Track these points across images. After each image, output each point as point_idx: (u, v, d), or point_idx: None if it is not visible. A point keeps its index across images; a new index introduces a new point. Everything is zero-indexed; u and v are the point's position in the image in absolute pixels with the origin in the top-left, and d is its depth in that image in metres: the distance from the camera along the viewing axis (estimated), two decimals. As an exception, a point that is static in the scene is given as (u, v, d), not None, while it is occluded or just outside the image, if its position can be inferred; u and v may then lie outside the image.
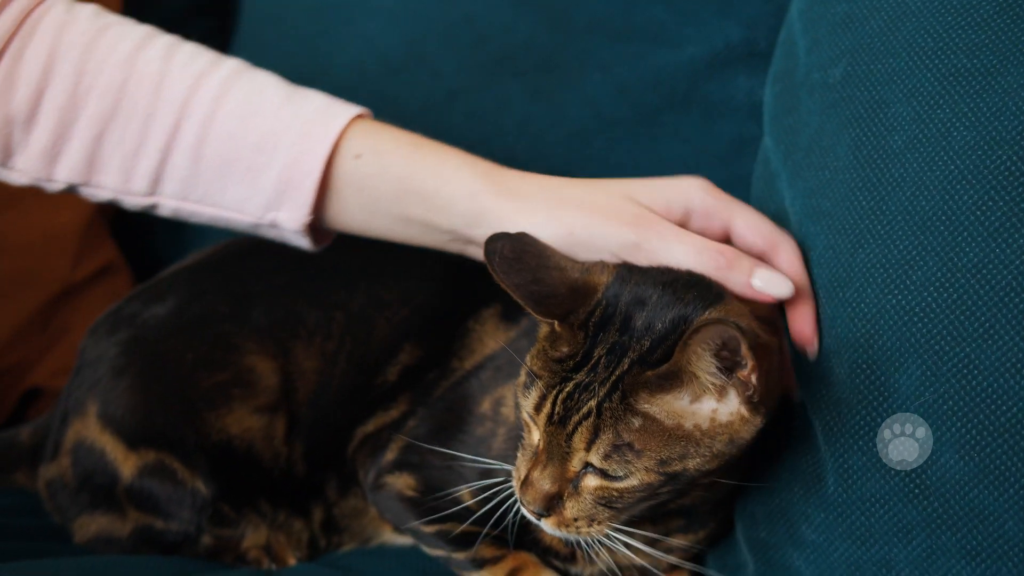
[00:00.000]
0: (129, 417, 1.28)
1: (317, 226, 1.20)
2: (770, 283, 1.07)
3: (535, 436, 1.07)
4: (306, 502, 1.32)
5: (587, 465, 1.04)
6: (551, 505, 1.06)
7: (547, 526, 1.07)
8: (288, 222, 1.17)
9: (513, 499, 1.11)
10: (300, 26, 1.76)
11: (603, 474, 1.03)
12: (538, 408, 1.05)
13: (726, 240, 1.12)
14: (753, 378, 1.00)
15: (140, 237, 1.90)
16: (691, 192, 1.13)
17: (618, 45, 1.48)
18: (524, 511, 1.08)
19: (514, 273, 1.05)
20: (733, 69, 1.42)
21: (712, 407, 1.02)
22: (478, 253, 1.09)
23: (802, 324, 1.10)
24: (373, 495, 1.28)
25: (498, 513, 1.15)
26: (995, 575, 0.95)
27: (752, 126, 1.38)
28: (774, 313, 1.13)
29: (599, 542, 1.09)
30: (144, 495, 1.28)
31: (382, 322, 1.31)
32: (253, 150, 1.15)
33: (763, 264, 1.09)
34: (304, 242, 1.20)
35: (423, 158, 1.16)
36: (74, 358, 1.40)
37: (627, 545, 1.09)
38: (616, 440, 1.02)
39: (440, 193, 1.14)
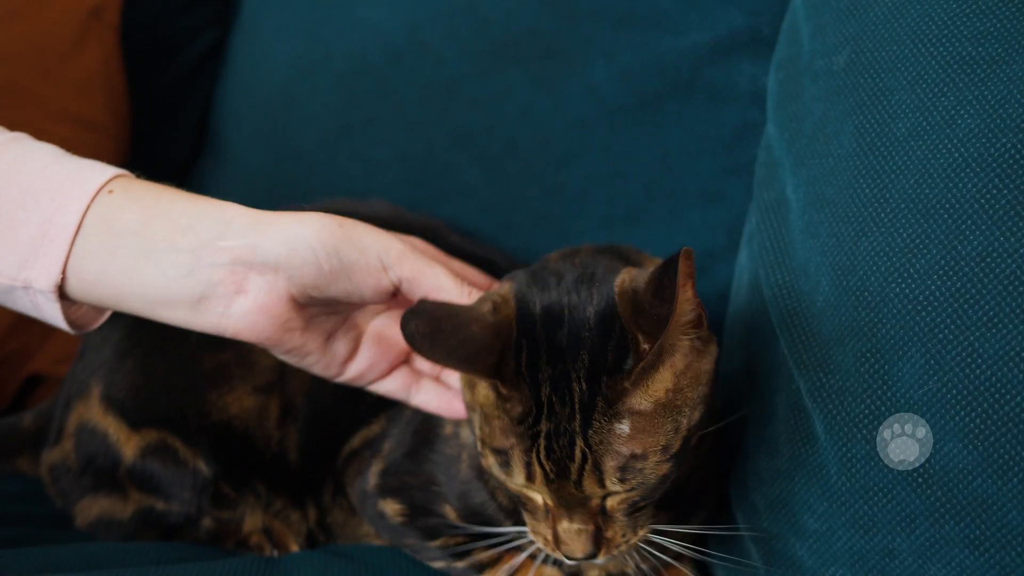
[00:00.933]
0: (132, 398, 1.29)
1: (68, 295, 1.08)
2: None
3: (538, 498, 1.06)
4: (302, 496, 1.32)
5: (606, 495, 1.03)
6: (597, 542, 1.05)
7: (602, 560, 1.07)
8: (40, 279, 1.05)
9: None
10: (301, 13, 1.76)
11: (623, 491, 1.03)
12: (530, 478, 1.03)
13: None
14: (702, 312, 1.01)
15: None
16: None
17: (621, 31, 1.47)
18: (571, 562, 1.07)
19: (438, 345, 1.01)
20: (737, 56, 1.42)
21: (672, 364, 1.01)
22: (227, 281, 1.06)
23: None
24: (365, 516, 1.28)
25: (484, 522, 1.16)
26: (999, 564, 0.95)
27: (755, 113, 1.38)
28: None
29: (647, 543, 1.09)
30: (146, 475, 1.28)
31: None
32: (14, 206, 1.06)
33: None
34: (56, 313, 1.08)
35: (178, 194, 1.10)
36: (75, 345, 1.40)
37: (666, 534, 1.09)
38: (619, 460, 1.00)
39: (188, 212, 1.07)
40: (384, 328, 1.17)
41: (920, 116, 1.05)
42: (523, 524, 1.11)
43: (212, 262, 1.04)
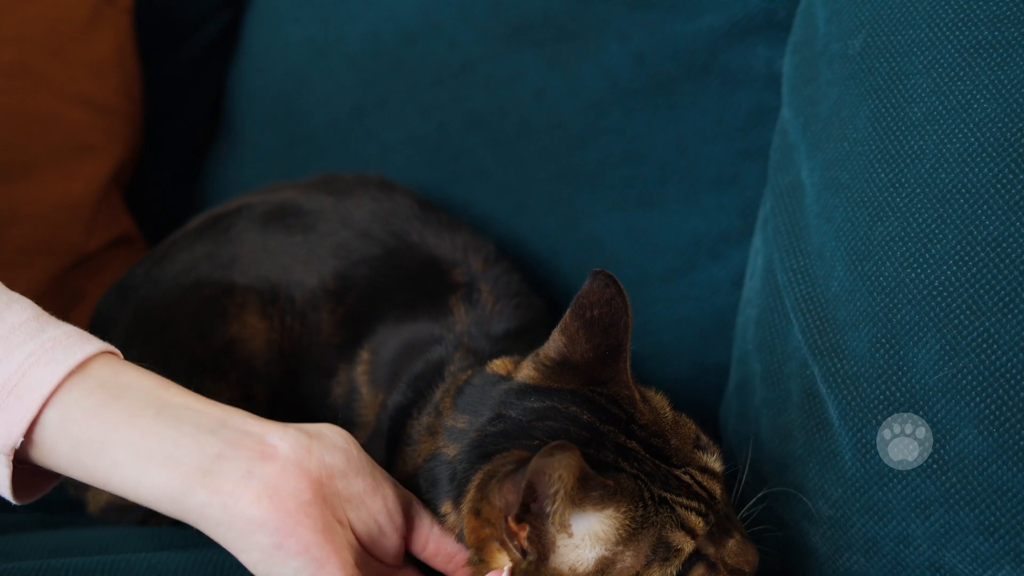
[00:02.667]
0: None
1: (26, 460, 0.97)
2: None
3: (688, 548, 0.99)
4: None
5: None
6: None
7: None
8: None
9: None
10: (315, -6, 1.76)
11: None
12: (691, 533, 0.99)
13: None
14: None
15: (155, 209, 1.90)
16: None
17: (636, 13, 1.46)
18: None
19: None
20: (752, 38, 1.41)
21: None
22: None
23: None
24: None
25: None
26: (1014, 551, 0.95)
27: (771, 97, 1.37)
28: None
29: None
30: None
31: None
32: None
33: None
34: (3, 480, 0.96)
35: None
36: (87, 327, 1.40)
37: None
38: (712, 463, 1.02)
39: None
40: None
41: (936, 100, 1.05)
42: None
43: None
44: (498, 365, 1.08)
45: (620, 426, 1.00)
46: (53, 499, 1.33)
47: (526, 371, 1.06)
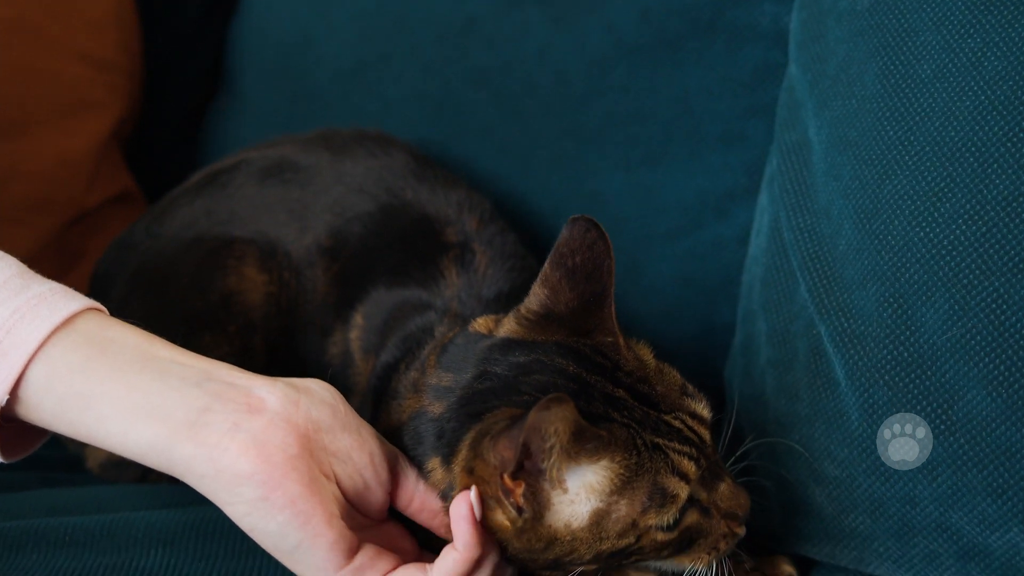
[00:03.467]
0: None
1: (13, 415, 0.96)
2: None
3: (683, 493, 0.99)
4: None
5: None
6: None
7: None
8: None
9: None
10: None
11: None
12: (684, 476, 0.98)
13: None
14: None
15: (156, 166, 1.90)
16: None
17: (641, -32, 1.46)
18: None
19: None
20: (759, -6, 1.40)
21: None
22: None
23: None
24: None
25: None
26: (1021, 513, 0.95)
27: (778, 53, 1.36)
28: None
29: None
30: None
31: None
32: None
33: None
34: None
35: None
36: (87, 284, 1.40)
37: None
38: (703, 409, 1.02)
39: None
40: None
41: (946, 57, 1.04)
42: None
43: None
44: (480, 324, 1.08)
45: (607, 375, 0.99)
46: (52, 456, 1.34)
47: (508, 326, 1.05)
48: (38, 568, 1.02)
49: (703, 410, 1.02)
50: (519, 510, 0.94)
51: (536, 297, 1.05)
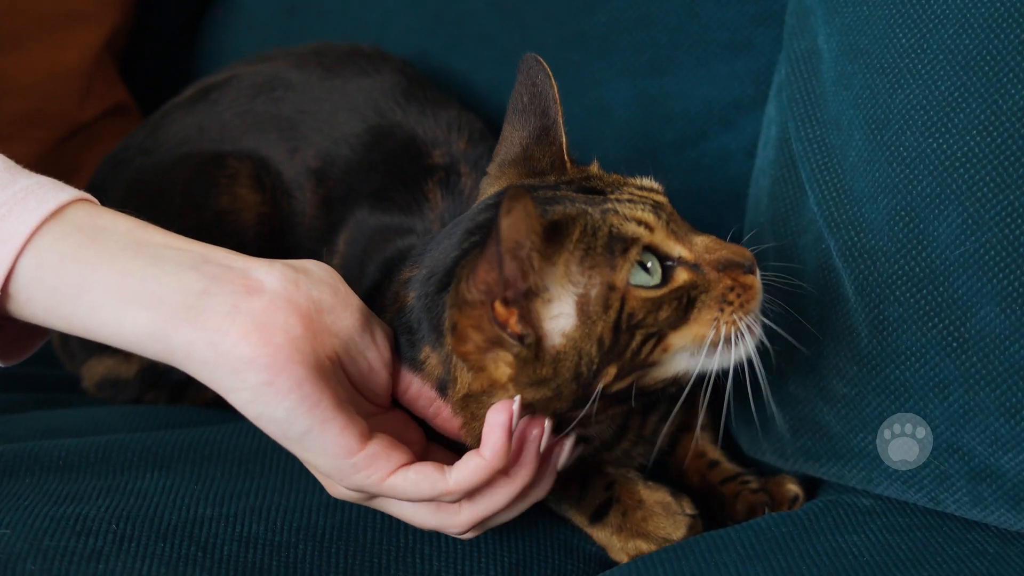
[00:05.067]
0: None
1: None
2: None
3: (644, 235, 0.96)
4: None
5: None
6: None
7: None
8: None
9: None
10: None
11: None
12: (649, 227, 0.96)
13: None
14: None
15: (150, 78, 1.89)
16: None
17: None
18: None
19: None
20: (766, -101, 1.37)
21: None
22: None
23: None
24: None
25: None
26: (1035, 433, 0.94)
27: (786, -43, 1.33)
28: None
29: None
30: None
31: None
32: None
33: None
34: None
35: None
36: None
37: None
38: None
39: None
40: None
41: (961, -40, 1.01)
42: None
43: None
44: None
45: (552, 186, 0.99)
46: (49, 376, 1.34)
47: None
48: (30, 492, 1.01)
49: (650, 183, 1.02)
50: (520, 338, 0.92)
51: (495, 153, 1.07)
